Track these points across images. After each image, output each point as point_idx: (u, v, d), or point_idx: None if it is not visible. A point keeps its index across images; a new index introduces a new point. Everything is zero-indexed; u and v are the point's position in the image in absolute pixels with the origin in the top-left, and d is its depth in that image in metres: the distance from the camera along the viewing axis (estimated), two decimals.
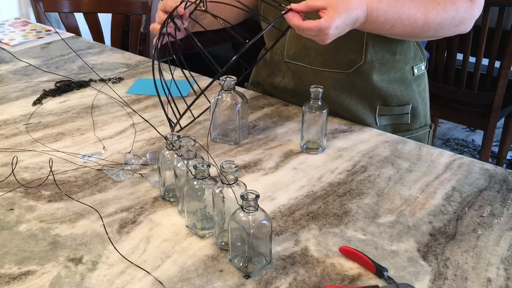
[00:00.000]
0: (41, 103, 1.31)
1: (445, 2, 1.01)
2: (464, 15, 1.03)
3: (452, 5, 1.01)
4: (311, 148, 1.08)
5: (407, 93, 1.19)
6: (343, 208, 0.91)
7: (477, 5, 1.04)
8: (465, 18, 1.04)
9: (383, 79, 1.16)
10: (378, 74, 1.15)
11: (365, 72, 1.15)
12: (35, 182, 0.98)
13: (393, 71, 1.16)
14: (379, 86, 1.16)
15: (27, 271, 0.77)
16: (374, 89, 1.16)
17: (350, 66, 1.15)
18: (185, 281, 0.75)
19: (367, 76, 1.15)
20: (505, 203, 0.92)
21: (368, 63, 1.14)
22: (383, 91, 1.17)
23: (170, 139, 0.86)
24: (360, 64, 1.14)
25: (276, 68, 1.27)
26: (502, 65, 2.09)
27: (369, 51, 1.12)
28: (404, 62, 1.16)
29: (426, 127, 1.25)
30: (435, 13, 1.00)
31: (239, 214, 0.74)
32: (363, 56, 1.13)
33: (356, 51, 1.13)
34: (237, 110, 1.06)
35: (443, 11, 1.01)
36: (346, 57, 1.14)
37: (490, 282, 0.75)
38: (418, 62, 1.18)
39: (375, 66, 1.14)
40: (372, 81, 1.15)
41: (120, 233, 0.85)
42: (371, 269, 0.77)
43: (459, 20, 1.03)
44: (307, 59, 1.18)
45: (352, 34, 1.03)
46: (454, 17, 1.02)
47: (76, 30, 2.17)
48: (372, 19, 0.97)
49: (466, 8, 1.02)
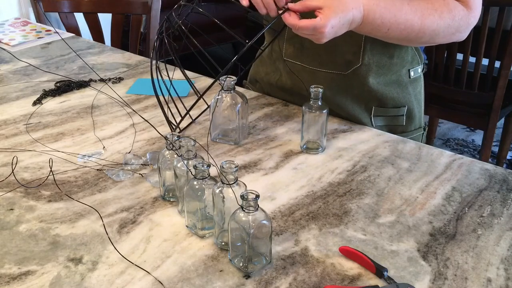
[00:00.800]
0: (41, 103, 1.31)
1: (441, 9, 1.01)
2: (460, 23, 1.03)
3: (448, 12, 1.01)
4: (311, 148, 1.08)
5: (403, 95, 1.19)
6: (343, 208, 0.91)
7: (473, 14, 1.04)
8: (461, 26, 1.04)
9: (379, 81, 1.16)
10: (375, 76, 1.15)
11: (361, 74, 1.15)
12: (35, 182, 0.98)
13: (389, 74, 1.16)
14: (375, 88, 1.16)
15: (27, 271, 0.77)
16: (370, 91, 1.16)
17: (347, 68, 1.15)
18: (185, 281, 0.75)
19: (364, 78, 1.15)
20: (505, 203, 0.92)
21: (365, 65, 1.14)
22: (379, 93, 1.17)
23: (170, 139, 0.87)
24: (357, 66, 1.14)
25: (274, 66, 1.28)
26: (502, 65, 2.09)
27: (367, 54, 1.12)
28: (401, 65, 1.16)
29: (420, 129, 1.25)
30: (431, 19, 1.00)
31: (239, 214, 0.74)
32: (360, 58, 1.13)
33: (354, 53, 1.13)
34: (237, 110, 1.06)
35: (440, 18, 1.01)
36: (344, 59, 1.14)
37: (490, 282, 0.75)
38: (415, 65, 1.19)
39: (372, 68, 1.14)
40: (368, 83, 1.15)
41: (120, 233, 0.85)
42: (371, 269, 0.77)
43: (455, 28, 1.03)
44: (304, 59, 1.19)
45: (351, 36, 1.03)
46: (450, 24, 1.02)
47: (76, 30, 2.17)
48: (369, 20, 0.97)
49: (463, 17, 1.03)
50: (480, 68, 2.13)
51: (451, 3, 1.02)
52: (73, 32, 2.01)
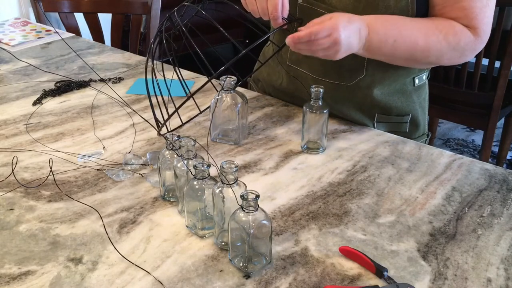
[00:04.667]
0: (41, 103, 1.31)
1: (446, 31, 1.00)
2: (465, 48, 1.02)
3: (453, 35, 1.00)
4: (311, 148, 1.08)
5: (407, 104, 1.17)
6: (343, 208, 0.91)
7: (480, 40, 1.02)
8: (466, 51, 1.03)
9: (383, 92, 1.14)
10: (379, 87, 1.14)
11: (366, 85, 1.13)
12: (35, 182, 0.98)
13: (394, 84, 1.15)
14: (379, 98, 1.15)
15: (27, 271, 0.77)
16: (373, 101, 1.15)
17: (351, 79, 1.13)
18: (185, 281, 0.75)
19: (368, 89, 1.14)
20: (505, 203, 0.92)
21: (370, 76, 1.12)
22: (383, 103, 1.16)
23: (170, 139, 0.87)
24: (362, 77, 1.12)
25: (276, 70, 1.27)
26: (502, 65, 2.09)
27: (371, 65, 1.11)
28: (407, 75, 1.15)
29: (424, 136, 1.24)
30: (435, 38, 1.00)
31: (239, 214, 0.74)
32: (364, 69, 1.11)
33: (359, 64, 1.11)
34: (237, 110, 1.06)
35: (444, 39, 1.00)
36: (348, 69, 1.13)
37: (490, 282, 0.75)
38: (420, 72, 1.17)
39: (377, 79, 1.13)
40: (372, 94, 1.14)
41: (120, 233, 0.85)
42: (371, 269, 0.77)
43: (460, 52, 1.03)
44: (309, 66, 1.17)
45: None
46: (455, 47, 1.01)
47: (76, 30, 2.17)
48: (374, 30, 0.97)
49: (469, 42, 1.01)
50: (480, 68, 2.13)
51: (457, 27, 1.01)
52: (73, 32, 2.01)
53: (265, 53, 1.33)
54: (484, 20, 1.01)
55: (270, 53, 1.28)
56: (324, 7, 1.06)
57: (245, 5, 1.02)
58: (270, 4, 0.95)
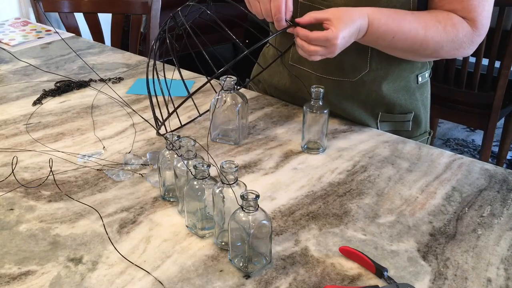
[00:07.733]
0: (41, 103, 1.31)
1: (445, 22, 1.00)
2: (463, 40, 1.02)
3: (452, 26, 1.00)
4: (312, 148, 1.08)
5: (410, 101, 1.17)
6: (343, 208, 0.91)
7: (479, 33, 1.03)
8: (465, 43, 1.03)
9: (388, 88, 1.14)
10: (383, 83, 1.14)
11: (369, 81, 1.13)
12: (35, 182, 0.98)
13: (398, 80, 1.14)
14: (383, 95, 1.15)
15: (27, 271, 0.77)
16: (377, 98, 1.15)
17: (355, 75, 1.13)
18: (185, 281, 0.75)
19: (372, 84, 1.14)
20: (505, 203, 0.92)
21: (373, 71, 1.12)
22: (387, 99, 1.16)
23: (170, 139, 0.86)
24: (365, 72, 1.12)
25: (278, 70, 1.27)
26: (502, 65, 2.09)
27: (374, 60, 1.11)
28: (411, 71, 1.15)
29: (426, 134, 1.24)
30: (434, 30, 1.00)
31: (239, 214, 0.74)
32: (368, 65, 1.11)
33: (362, 59, 1.11)
34: (237, 110, 1.06)
35: (443, 30, 1.00)
36: (351, 65, 1.12)
37: (490, 282, 0.75)
38: (423, 70, 1.17)
39: (380, 75, 1.13)
40: (376, 90, 1.14)
41: (120, 233, 0.85)
42: (371, 269, 0.77)
43: (458, 44, 1.03)
44: (311, 65, 1.16)
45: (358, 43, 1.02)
46: (453, 39, 1.01)
47: (76, 30, 2.17)
48: (374, 28, 0.97)
49: (467, 34, 1.02)
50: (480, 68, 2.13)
51: (455, 19, 1.01)
52: (73, 32, 2.01)
53: (265, 54, 1.32)
54: (483, 13, 1.01)
55: (271, 54, 1.27)
56: (326, 5, 1.06)
57: (249, 7, 1.02)
58: (274, 5, 0.95)
